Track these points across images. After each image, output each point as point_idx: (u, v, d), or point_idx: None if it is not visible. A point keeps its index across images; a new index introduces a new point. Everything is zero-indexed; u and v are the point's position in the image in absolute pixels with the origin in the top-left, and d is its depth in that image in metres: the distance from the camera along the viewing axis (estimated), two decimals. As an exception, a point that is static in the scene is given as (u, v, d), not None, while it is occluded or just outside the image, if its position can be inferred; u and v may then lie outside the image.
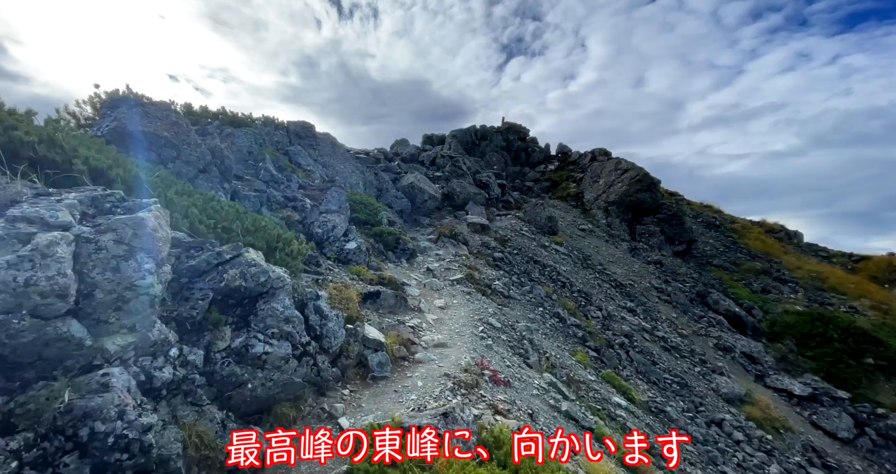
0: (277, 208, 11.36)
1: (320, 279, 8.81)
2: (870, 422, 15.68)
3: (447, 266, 14.11)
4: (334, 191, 13.71)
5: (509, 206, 26.56)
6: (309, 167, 15.64)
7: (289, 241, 8.02)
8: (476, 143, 35.62)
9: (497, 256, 16.91)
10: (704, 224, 32.51)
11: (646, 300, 20.54)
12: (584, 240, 25.44)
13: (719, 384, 14.75)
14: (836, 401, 16.29)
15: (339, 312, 7.58)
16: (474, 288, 12.57)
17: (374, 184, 19.34)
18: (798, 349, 21.54)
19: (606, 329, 15.90)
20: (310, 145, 17.30)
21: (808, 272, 27.69)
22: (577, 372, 10.29)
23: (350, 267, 10.41)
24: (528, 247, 19.95)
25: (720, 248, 29.53)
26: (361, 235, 13.37)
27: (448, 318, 9.79)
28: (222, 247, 5.38)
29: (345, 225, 11.61)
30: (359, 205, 14.95)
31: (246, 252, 5.51)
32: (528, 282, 16.13)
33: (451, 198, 22.25)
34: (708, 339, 19.07)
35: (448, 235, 16.98)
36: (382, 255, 13.70)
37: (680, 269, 26.24)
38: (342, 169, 17.52)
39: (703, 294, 23.44)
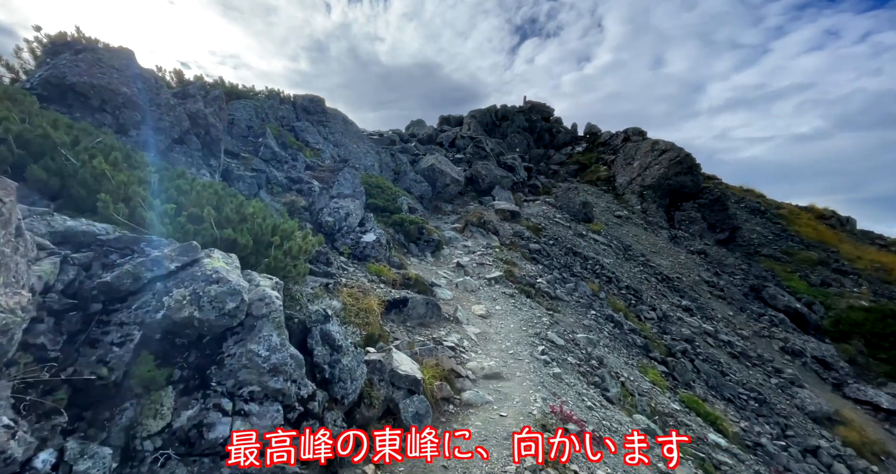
0: (279, 192, 9.24)
1: (331, 283, 6.69)
2: (977, 442, 13.25)
3: (479, 260, 11.93)
4: (347, 173, 11.55)
5: (537, 191, 24.16)
6: (318, 145, 13.46)
7: (289, 235, 5.89)
8: (496, 124, 33.05)
9: (533, 248, 14.66)
10: (748, 210, 29.68)
11: (697, 296, 18.16)
12: (622, 227, 22.98)
13: (803, 399, 12.44)
14: (933, 417, 13.88)
15: (356, 334, 5.47)
16: (516, 288, 10.37)
17: (391, 167, 17.11)
18: (869, 351, 18.99)
19: (664, 332, 13.64)
20: (319, 122, 15.09)
21: (869, 262, 24.88)
22: (657, 399, 8.08)
23: (368, 264, 8.29)
24: (565, 236, 17.64)
25: (769, 236, 26.78)
26: (380, 225, 11.23)
27: (494, 332, 7.63)
28: (166, 247, 3.25)
29: (360, 212, 9.46)
30: (375, 190, 12.77)
31: (207, 257, 3.38)
32: (571, 278, 13.89)
33: (475, 182, 19.93)
34: (772, 341, 16.68)
35: (476, 224, 14.75)
36: (404, 248, 11.56)
37: (727, 260, 23.68)
38: (355, 149, 15.30)
39: (757, 288, 20.92)
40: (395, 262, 9.32)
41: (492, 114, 32.90)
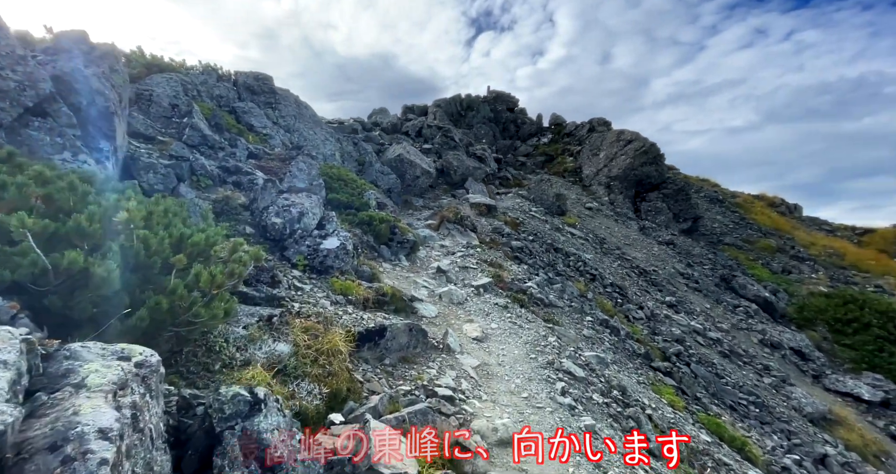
0: (209, 186, 6.91)
1: (277, 315, 4.59)
2: (949, 429, 13.00)
3: (461, 263, 10.05)
4: (302, 162, 9.30)
5: (508, 183, 22.54)
6: (265, 130, 11.03)
7: (205, 250, 3.76)
8: (462, 114, 31.11)
9: (515, 245, 12.96)
10: (707, 199, 29.55)
11: (675, 289, 17.22)
12: (594, 220, 21.83)
13: (799, 400, 11.57)
14: (908, 404, 13.54)
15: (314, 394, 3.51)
16: (508, 296, 8.59)
17: (354, 157, 14.84)
18: (833, 337, 18.90)
19: (654, 333, 12.39)
20: (267, 103, 12.57)
21: (822, 248, 25.22)
22: (685, 429, 6.59)
23: (331, 279, 6.20)
24: (543, 230, 16.10)
25: (729, 225, 26.64)
26: (344, 225, 9.09)
27: (497, 363, 5.79)
28: None
29: (319, 210, 7.29)
30: (337, 183, 10.56)
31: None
32: (557, 278, 12.33)
33: (446, 174, 17.98)
34: (751, 334, 16.00)
35: (453, 220, 12.85)
36: (374, 251, 9.50)
37: (694, 250, 23.15)
38: (311, 135, 12.92)
39: (726, 278, 20.39)
40: (366, 273, 7.26)
41: (456, 103, 30.91)
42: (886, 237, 28.17)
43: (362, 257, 8.22)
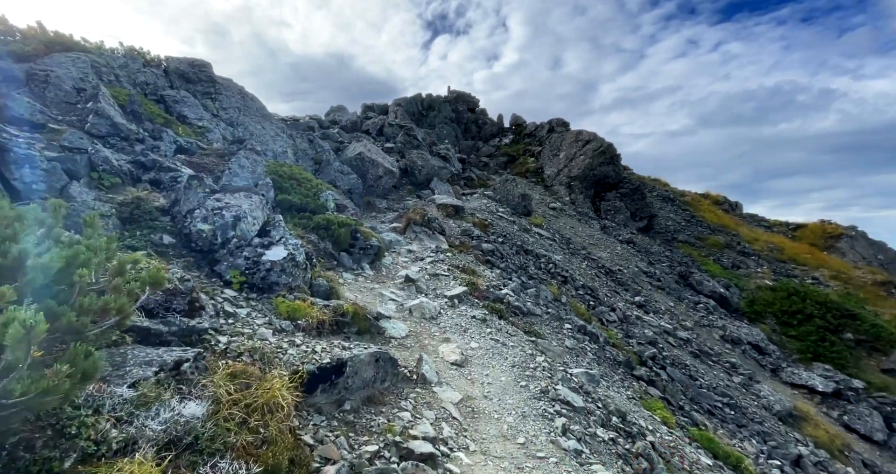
0: (115, 184, 5.35)
1: (188, 361, 3.25)
2: (894, 416, 13.37)
3: (432, 269, 8.90)
4: (244, 158, 7.82)
5: (473, 184, 21.62)
6: (201, 123, 9.37)
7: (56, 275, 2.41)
8: (423, 114, 29.96)
9: (486, 248, 11.97)
10: (660, 198, 30.09)
11: (640, 288, 16.94)
12: (558, 220, 21.35)
13: (767, 397, 11.35)
14: (857, 394, 13.83)
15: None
16: (486, 307, 7.54)
17: (309, 155, 13.31)
18: (781, 328, 19.42)
19: (629, 336, 11.81)
20: (205, 93, 10.85)
21: (765, 244, 26.20)
22: (684, 448, 5.81)
23: (274, 299, 4.87)
24: (512, 232, 15.26)
25: (681, 223, 27.15)
26: (296, 230, 7.70)
27: (482, 395, 4.69)
28: None
29: (262, 214, 5.90)
30: (288, 182, 9.10)
31: None
32: (530, 282, 11.46)
33: (410, 174, 16.76)
34: (712, 330, 15.94)
35: (420, 223, 11.67)
36: (333, 259, 8.16)
37: (652, 248, 23.26)
38: (259, 131, 11.32)
39: (684, 275, 20.51)
40: (322, 287, 5.95)
41: (417, 103, 29.73)
42: (815, 232, 29.84)
43: (318, 268, 6.88)
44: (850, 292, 21.69)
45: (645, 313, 13.90)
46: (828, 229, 29.95)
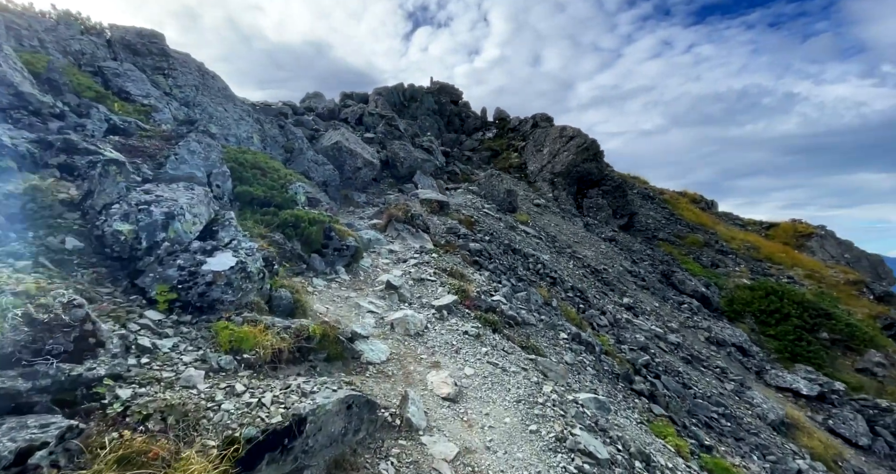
0: (9, 169, 4.01)
1: (50, 452, 2.10)
2: (875, 419, 13.20)
3: (416, 273, 7.81)
4: (195, 142, 6.52)
5: (457, 178, 20.54)
6: (148, 101, 7.91)
7: None
8: (405, 105, 28.56)
9: (474, 248, 10.94)
10: (640, 195, 29.78)
11: (626, 288, 16.33)
12: (543, 217, 20.55)
13: (760, 405, 10.83)
14: (840, 397, 13.61)
15: None
16: (478, 319, 6.52)
17: (280, 143, 11.92)
18: (760, 328, 19.28)
19: (620, 342, 11.07)
20: (157, 68, 9.33)
21: (741, 242, 26.22)
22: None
23: (215, 324, 3.70)
24: (498, 230, 14.29)
25: (661, 221, 26.89)
26: (256, 229, 6.47)
27: (485, 446, 3.66)
28: None
29: (207, 210, 4.67)
30: (251, 172, 7.79)
31: None
32: (520, 284, 10.53)
33: (392, 166, 15.52)
34: (698, 332, 15.49)
35: (403, 219, 10.52)
36: (301, 263, 6.96)
37: (634, 246, 22.82)
38: (221, 113, 9.89)
39: (667, 274, 20.11)
40: (284, 300, 4.78)
41: (399, 93, 28.30)
42: (787, 231, 30.22)
43: (281, 275, 5.69)
44: (824, 291, 21.83)
45: (634, 316, 13.23)
46: (799, 228, 30.37)
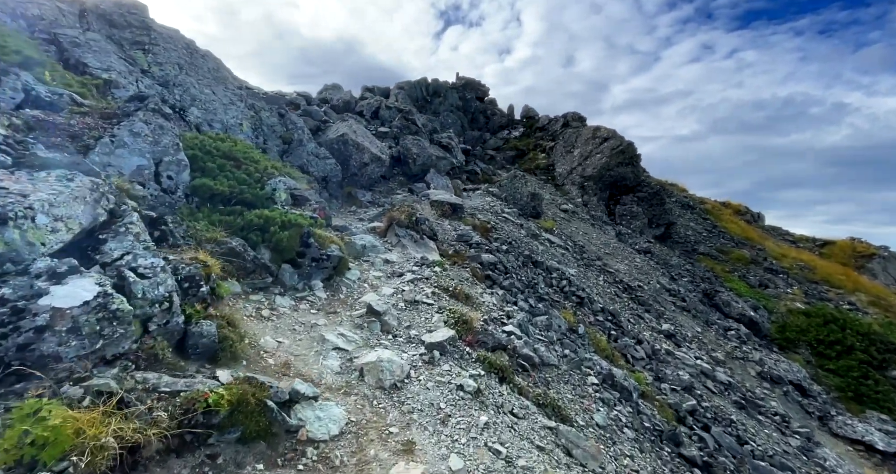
0: None
1: None
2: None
3: (410, 293, 6.33)
4: (141, 123, 5.30)
5: (476, 179, 18.98)
6: (107, 74, 6.75)
7: None
8: (427, 100, 27.20)
9: (487, 260, 9.37)
10: (679, 204, 27.35)
11: (663, 309, 14.36)
12: (570, 224, 18.72)
13: (835, 471, 8.80)
14: (924, 454, 11.26)
15: None
16: (481, 362, 4.97)
17: (278, 133, 10.68)
18: (816, 360, 16.82)
19: (660, 379, 9.26)
20: (135, 42, 8.21)
21: (793, 261, 23.50)
22: None
23: (26, 402, 2.35)
24: (518, 237, 12.65)
25: (702, 233, 24.46)
26: (208, 232, 5.14)
27: None
28: None
29: (92, 211, 3.33)
30: (219, 162, 6.49)
31: None
32: (540, 305, 8.89)
33: (403, 163, 14.12)
34: (747, 365, 13.37)
35: (405, 223, 9.08)
36: (266, 275, 5.59)
37: (671, 260, 20.63)
38: (206, 96, 8.68)
39: (709, 293, 17.90)
40: (205, 339, 3.39)
41: (422, 87, 26.94)
42: (845, 250, 27.11)
43: (222, 295, 4.31)
44: (893, 322, 19.04)
45: (675, 345, 11.33)
46: (858, 248, 27.21)
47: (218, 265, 4.51)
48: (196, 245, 4.83)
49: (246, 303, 4.83)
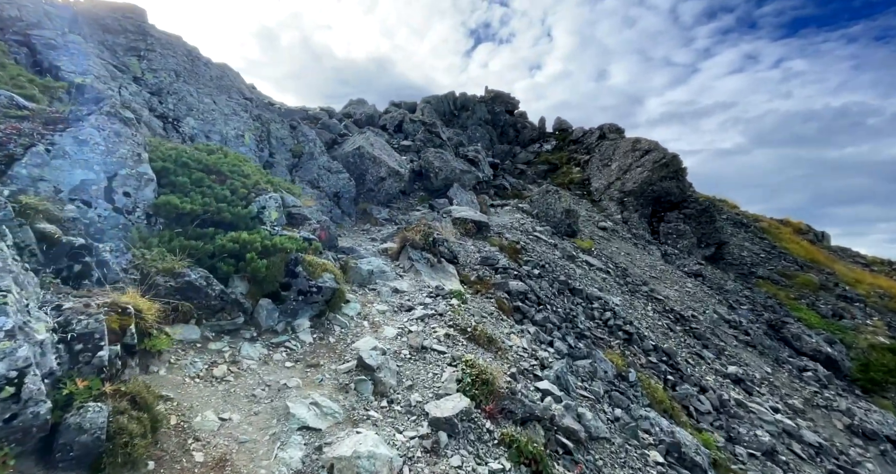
0: None
1: None
2: None
3: (418, 337, 5.03)
4: (93, 129, 4.49)
5: (505, 194, 17.65)
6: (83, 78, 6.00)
7: None
8: (455, 114, 26.35)
9: (516, 289, 7.95)
10: (731, 222, 24.86)
11: (723, 343, 12.31)
12: (610, 243, 16.96)
13: None
14: None
15: None
16: (506, 445, 3.59)
17: (287, 145, 9.84)
18: (913, 408, 14.06)
19: (732, 440, 7.42)
20: (131, 49, 7.56)
21: (870, 287, 20.49)
22: None
23: None
24: (552, 259, 11.16)
25: (760, 254, 21.91)
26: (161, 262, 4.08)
27: None
28: None
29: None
30: (195, 175, 5.52)
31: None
32: (580, 345, 7.34)
33: (425, 177, 13.02)
34: (832, 415, 11.07)
35: (421, 245, 7.85)
36: (238, 313, 4.46)
37: (726, 284, 18.34)
38: (206, 105, 7.89)
39: (775, 325, 15.54)
40: (84, 434, 2.25)
41: (449, 101, 26.14)
42: (932, 274, 23.58)
43: (164, 350, 3.19)
44: None
45: (746, 394, 9.37)
46: (946, 271, 23.63)
47: (155, 309, 3.40)
48: (138, 280, 3.77)
49: (196, 358, 3.69)
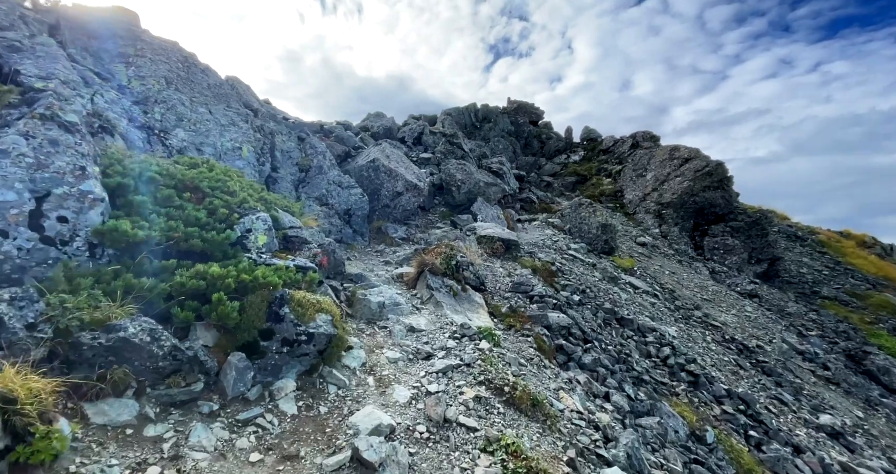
0: None
1: None
2: None
3: (437, 406, 3.78)
4: (13, 135, 3.55)
5: (532, 208, 16.34)
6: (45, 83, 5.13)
7: None
8: (477, 126, 25.40)
9: (556, 322, 6.58)
10: (784, 235, 22.64)
11: (800, 381, 10.43)
12: (651, 260, 15.30)
13: None
14: None
15: None
16: None
17: (294, 159, 8.91)
18: None
19: (849, 525, 5.73)
20: (119, 55, 6.84)
21: (959, 308, 17.85)
22: None
23: None
24: (592, 283, 9.72)
25: (823, 271, 19.62)
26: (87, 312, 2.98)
27: None
28: None
29: None
30: (163, 192, 4.53)
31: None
32: (641, 396, 5.89)
33: (446, 192, 11.90)
34: (951, 474, 9.00)
35: (441, 271, 6.64)
36: (199, 374, 3.32)
37: (787, 306, 16.25)
38: (200, 116, 7.05)
39: (855, 355, 13.41)
40: None
41: (471, 113, 25.24)
42: None
43: (60, 453, 2.07)
44: None
45: (850, 452, 7.56)
46: None
47: (52, 389, 2.29)
48: (48, 340, 2.69)
49: (114, 459, 2.54)
